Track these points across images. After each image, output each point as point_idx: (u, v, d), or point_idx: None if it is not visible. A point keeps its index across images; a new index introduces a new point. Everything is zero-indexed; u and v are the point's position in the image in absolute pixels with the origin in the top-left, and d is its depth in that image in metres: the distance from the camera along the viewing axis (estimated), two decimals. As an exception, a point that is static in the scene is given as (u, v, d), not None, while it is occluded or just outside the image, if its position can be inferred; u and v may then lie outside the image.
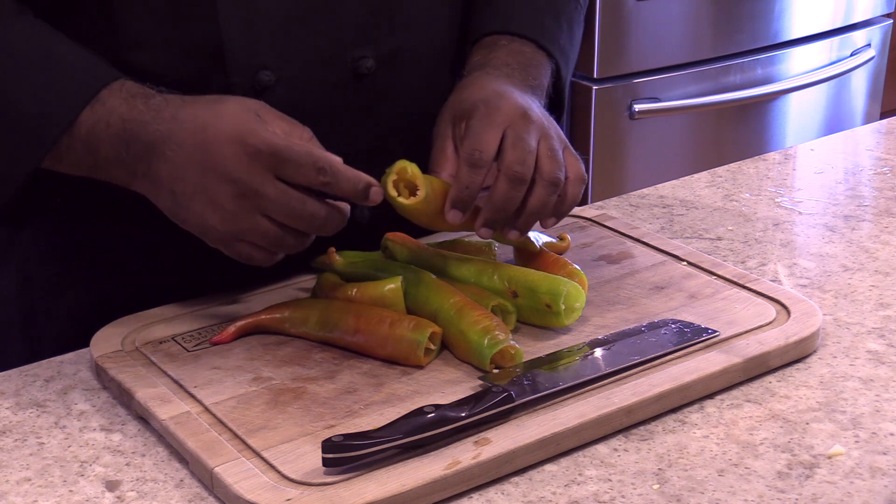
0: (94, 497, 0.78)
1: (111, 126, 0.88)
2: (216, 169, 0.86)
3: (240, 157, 0.86)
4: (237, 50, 0.96)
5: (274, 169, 0.86)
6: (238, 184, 0.86)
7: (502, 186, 0.93)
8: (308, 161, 0.86)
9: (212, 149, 0.86)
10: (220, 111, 0.88)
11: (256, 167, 0.86)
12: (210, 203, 0.87)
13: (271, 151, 0.86)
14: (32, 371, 0.93)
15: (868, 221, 1.20)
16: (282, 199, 0.87)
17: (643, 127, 2.43)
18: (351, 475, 0.76)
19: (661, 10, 2.37)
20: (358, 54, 1.01)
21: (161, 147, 0.87)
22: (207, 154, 0.86)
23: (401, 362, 0.90)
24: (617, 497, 0.77)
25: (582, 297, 0.95)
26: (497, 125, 0.94)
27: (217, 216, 0.87)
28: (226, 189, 0.86)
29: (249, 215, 0.87)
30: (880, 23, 2.80)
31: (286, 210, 0.87)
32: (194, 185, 0.87)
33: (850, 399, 0.88)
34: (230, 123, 0.87)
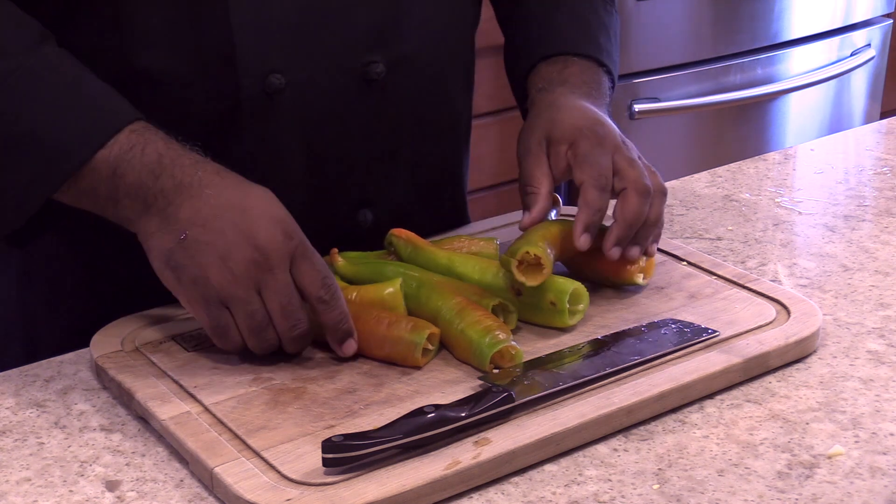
0: (94, 497, 0.78)
1: (146, 155, 0.88)
2: (249, 233, 0.86)
3: (274, 232, 0.87)
4: (248, 53, 0.96)
5: (295, 259, 0.87)
6: (260, 252, 0.86)
7: (633, 200, 0.97)
8: (323, 271, 0.89)
9: (253, 213, 0.87)
10: (262, 193, 0.89)
11: (284, 249, 0.87)
12: (221, 259, 0.86)
13: (300, 242, 0.88)
14: (32, 371, 0.93)
15: (868, 221, 1.20)
16: (285, 289, 0.87)
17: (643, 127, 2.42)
18: (351, 475, 0.76)
19: (661, 10, 2.36)
20: (368, 59, 1.01)
21: (197, 188, 0.87)
22: (246, 217, 0.87)
23: (399, 363, 0.90)
24: (617, 497, 0.77)
25: (586, 298, 0.95)
26: (607, 151, 0.99)
27: (220, 273, 0.87)
28: (246, 253, 0.86)
29: (250, 287, 0.87)
30: (880, 23, 2.80)
31: (282, 300, 0.87)
32: (215, 237, 0.87)
33: (850, 399, 0.88)
34: (273, 206, 0.88)
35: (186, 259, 0.87)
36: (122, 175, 0.88)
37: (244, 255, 0.86)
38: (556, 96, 1.06)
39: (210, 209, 0.87)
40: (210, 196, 0.87)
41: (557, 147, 1.01)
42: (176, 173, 0.88)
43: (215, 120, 0.98)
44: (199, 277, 0.87)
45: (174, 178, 0.88)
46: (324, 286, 0.88)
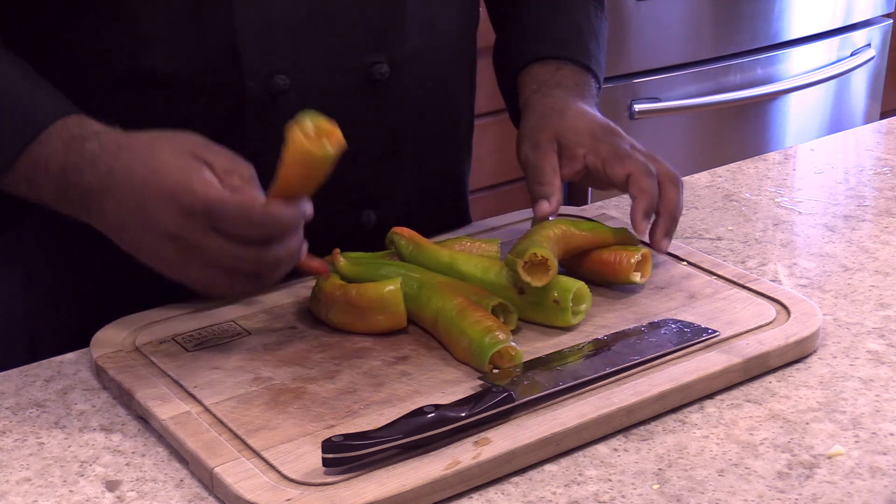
0: (94, 497, 0.78)
1: (49, 170, 0.88)
2: (155, 228, 0.86)
3: (175, 216, 0.85)
4: (252, 54, 0.96)
5: (211, 223, 0.85)
6: (177, 241, 0.85)
7: (671, 191, 1.01)
8: (240, 216, 0.84)
9: (148, 209, 0.85)
10: (155, 165, 0.86)
11: (193, 223, 0.85)
12: (156, 255, 0.87)
13: (203, 209, 0.84)
14: (32, 371, 0.93)
15: (868, 221, 1.20)
16: (224, 251, 0.85)
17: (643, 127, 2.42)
18: (351, 475, 0.76)
19: (661, 10, 2.36)
20: (372, 60, 1.01)
21: (98, 197, 0.87)
22: (145, 214, 0.86)
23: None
24: (617, 497, 0.77)
25: (588, 298, 0.96)
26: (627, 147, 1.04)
27: (166, 266, 0.87)
28: (167, 245, 0.86)
29: (195, 265, 0.87)
30: (880, 23, 2.80)
31: (229, 261, 0.86)
32: (137, 238, 0.87)
33: (850, 399, 0.88)
34: (165, 178, 0.85)
35: (136, 255, 0.89)
36: (40, 190, 0.89)
37: (167, 247, 0.86)
38: (555, 99, 1.08)
39: (120, 216, 0.87)
40: (113, 205, 0.87)
41: (574, 150, 1.03)
42: (80, 184, 0.87)
43: (219, 120, 0.98)
44: (156, 269, 0.89)
45: (79, 189, 0.87)
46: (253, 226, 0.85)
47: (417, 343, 0.94)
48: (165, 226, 0.85)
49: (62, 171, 0.87)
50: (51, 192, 0.89)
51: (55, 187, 0.88)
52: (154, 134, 0.89)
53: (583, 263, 1.02)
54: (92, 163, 0.87)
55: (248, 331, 0.96)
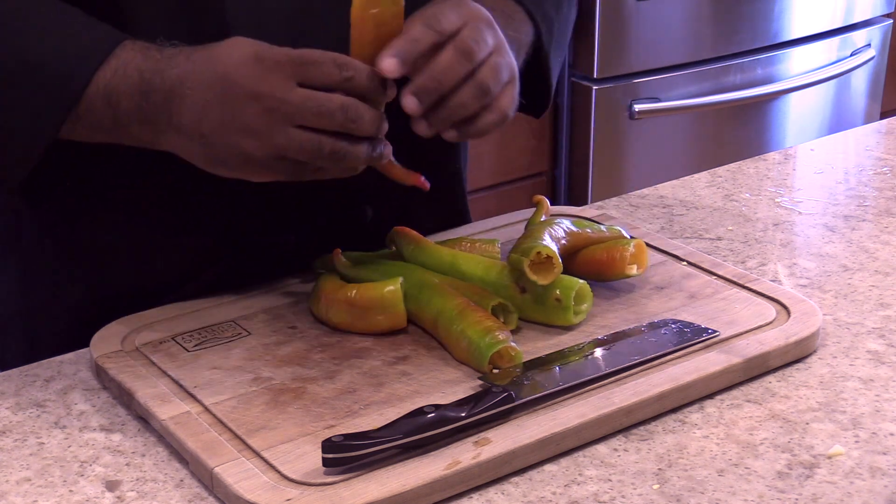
0: (94, 497, 0.78)
1: (129, 77, 0.88)
2: (237, 92, 0.85)
3: (258, 73, 0.85)
4: None
5: (294, 76, 0.85)
6: (262, 99, 0.84)
7: (448, 55, 0.88)
8: (326, 59, 0.85)
9: (229, 74, 0.85)
10: (230, 44, 0.87)
11: (276, 78, 0.84)
12: (241, 130, 0.85)
13: (288, 59, 0.85)
14: (32, 371, 0.93)
15: (868, 221, 1.20)
16: (309, 102, 0.85)
17: (643, 127, 2.43)
18: (351, 475, 0.76)
19: (661, 10, 2.37)
20: None
21: (180, 89, 0.86)
22: (226, 81, 0.85)
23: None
24: (617, 497, 0.77)
25: (590, 298, 0.96)
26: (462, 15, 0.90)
27: (251, 141, 0.85)
28: (252, 109, 0.85)
29: (282, 129, 0.85)
30: (880, 23, 2.80)
31: (316, 111, 0.85)
32: (221, 118, 0.86)
33: (850, 399, 0.88)
34: (241, 48, 0.86)
35: (219, 151, 0.87)
36: (117, 103, 0.88)
37: (253, 111, 0.85)
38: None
39: (201, 97, 0.86)
40: (193, 86, 0.86)
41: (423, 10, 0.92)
42: (160, 83, 0.87)
43: None
44: (240, 158, 0.86)
45: (160, 90, 0.87)
46: (339, 67, 0.85)
47: (417, 343, 0.94)
48: (248, 86, 0.84)
49: (142, 76, 0.87)
50: (130, 102, 0.88)
51: (136, 94, 0.88)
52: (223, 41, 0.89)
53: (576, 262, 1.01)
54: (171, 59, 0.87)
55: (248, 331, 0.96)
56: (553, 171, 2.46)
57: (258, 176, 0.88)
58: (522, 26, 1.04)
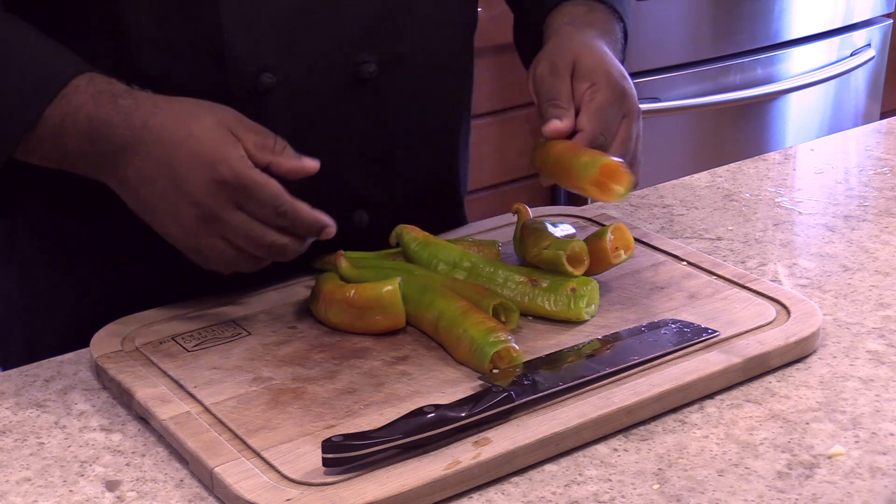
0: (94, 497, 0.78)
1: (78, 123, 0.88)
2: (182, 190, 0.87)
3: (206, 184, 0.87)
4: (239, 51, 0.96)
5: (237, 200, 0.88)
6: (201, 207, 0.87)
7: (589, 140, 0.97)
8: (270, 202, 0.88)
9: (180, 170, 0.87)
10: (194, 130, 0.88)
11: (221, 195, 0.87)
12: (172, 217, 0.89)
13: (237, 184, 0.87)
14: (32, 371, 0.93)
15: (868, 221, 1.20)
16: (242, 228, 0.88)
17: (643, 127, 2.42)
18: (351, 475, 0.76)
19: (661, 10, 2.37)
20: (360, 59, 1.01)
21: (129, 153, 0.88)
22: (175, 174, 0.87)
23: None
24: (617, 497, 0.77)
25: (597, 301, 0.97)
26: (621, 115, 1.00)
27: (179, 230, 0.89)
28: (189, 210, 0.88)
29: (209, 236, 0.89)
30: (880, 23, 2.80)
31: (245, 239, 0.89)
32: (159, 197, 0.88)
33: (850, 399, 0.88)
34: (202, 145, 0.87)
35: (150, 218, 0.90)
36: (65, 144, 0.89)
37: (188, 212, 0.88)
38: (585, 36, 1.04)
39: (148, 171, 0.88)
40: (144, 158, 0.88)
41: (580, 83, 0.99)
42: (110, 137, 0.88)
43: None
44: (165, 234, 0.90)
45: (109, 143, 0.88)
46: (278, 215, 0.88)
47: (417, 343, 0.94)
48: (194, 190, 0.87)
49: (91, 125, 0.88)
50: (77, 147, 0.89)
51: (83, 140, 0.89)
52: (191, 100, 0.91)
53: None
54: (126, 117, 0.88)
55: (248, 331, 0.96)
56: (553, 171, 2.45)
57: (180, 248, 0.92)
58: (620, 37, 1.09)
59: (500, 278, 0.98)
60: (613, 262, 0.99)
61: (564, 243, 0.97)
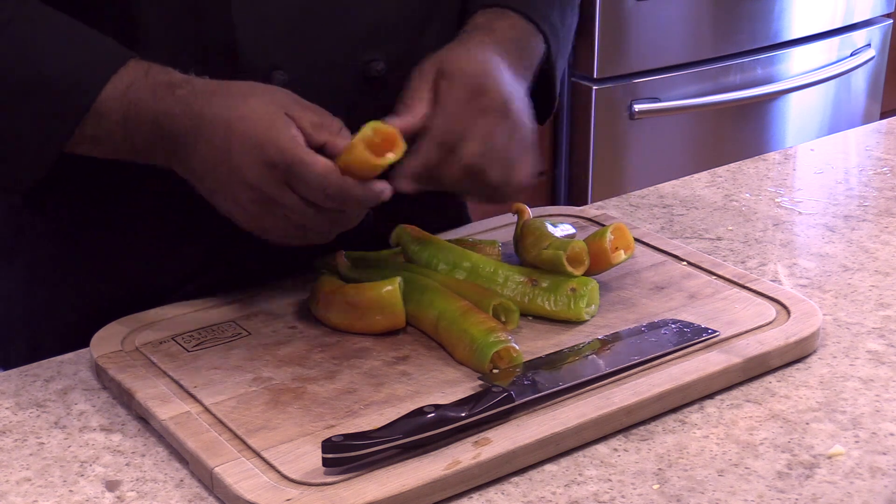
0: (94, 497, 0.78)
1: (141, 117, 0.89)
2: (237, 174, 0.87)
3: (258, 166, 0.87)
4: (250, 50, 0.96)
5: (288, 181, 0.87)
6: (255, 191, 0.87)
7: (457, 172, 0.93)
8: (316, 183, 0.87)
9: (233, 154, 0.87)
10: (246, 113, 0.88)
11: (272, 177, 0.87)
12: (234, 201, 0.89)
13: (286, 165, 0.87)
14: (32, 371, 0.93)
15: (868, 221, 1.20)
16: (297, 208, 0.88)
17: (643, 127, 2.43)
18: (351, 475, 0.76)
19: (661, 10, 2.37)
20: (369, 57, 1.01)
21: (192, 142, 0.88)
22: (230, 158, 0.87)
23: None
24: (617, 497, 0.77)
25: (597, 301, 0.97)
26: (478, 111, 0.94)
27: (240, 214, 0.90)
28: (246, 193, 0.88)
29: (270, 216, 0.89)
30: (880, 23, 2.80)
31: (301, 218, 0.89)
32: (220, 183, 0.89)
33: (850, 399, 0.88)
34: (254, 127, 0.87)
35: (217, 202, 0.91)
36: (132, 138, 0.90)
37: (246, 195, 0.88)
38: (473, 41, 1.00)
39: (208, 158, 0.88)
40: (204, 146, 0.88)
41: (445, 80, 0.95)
42: (173, 130, 0.89)
43: None
44: (231, 216, 0.91)
45: (173, 135, 0.89)
46: (326, 198, 0.88)
47: (417, 343, 0.94)
48: (247, 174, 0.87)
49: (155, 118, 0.89)
50: (145, 142, 0.90)
51: (150, 135, 0.89)
52: (247, 84, 0.91)
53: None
54: (186, 107, 0.89)
55: (248, 331, 0.96)
56: (553, 171, 2.46)
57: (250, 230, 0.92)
58: (534, 47, 1.06)
59: (501, 278, 0.98)
60: (613, 262, 0.99)
61: (564, 243, 0.97)
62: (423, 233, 1.04)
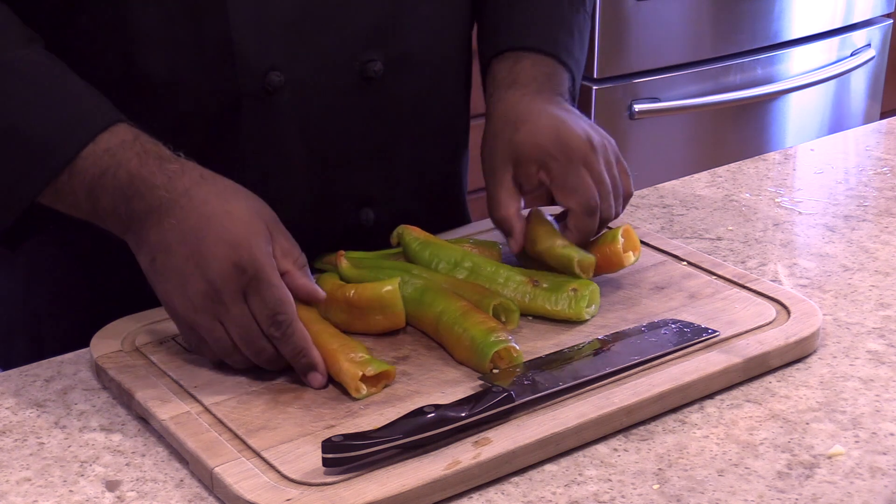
0: (94, 497, 0.78)
1: (118, 179, 0.87)
2: (199, 264, 0.86)
3: (224, 264, 0.85)
4: (247, 51, 0.96)
5: (246, 291, 0.86)
6: (212, 286, 0.86)
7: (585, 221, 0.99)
8: (273, 306, 0.86)
9: (206, 243, 0.86)
10: (233, 208, 0.87)
11: (234, 281, 0.85)
12: (181, 287, 0.87)
13: (253, 274, 0.85)
14: (32, 371, 0.93)
15: (868, 221, 1.20)
16: (240, 321, 0.86)
17: (643, 127, 2.42)
18: (351, 475, 0.76)
19: (661, 10, 2.37)
20: (366, 58, 1.01)
21: (162, 215, 0.87)
22: (199, 246, 0.86)
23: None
24: (617, 497, 0.77)
25: (597, 302, 0.97)
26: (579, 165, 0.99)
27: (182, 302, 0.87)
28: (199, 286, 0.86)
29: (210, 317, 0.87)
30: (880, 23, 2.80)
31: (241, 332, 0.87)
32: (174, 265, 0.87)
33: (850, 399, 0.88)
34: (235, 226, 0.86)
35: (157, 281, 0.88)
36: (98, 199, 0.88)
37: (198, 286, 0.86)
38: (508, 105, 1.03)
39: (173, 236, 0.86)
40: (174, 224, 0.87)
41: (527, 168, 1.00)
42: (147, 197, 0.87)
43: (215, 119, 0.98)
44: (165, 301, 0.88)
45: (144, 202, 0.87)
46: (273, 323, 0.86)
47: (417, 343, 0.94)
48: (209, 268, 0.85)
49: (131, 182, 0.87)
50: (110, 204, 0.88)
51: (119, 197, 0.87)
52: (235, 184, 0.90)
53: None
54: (170, 180, 0.87)
55: (248, 331, 0.96)
56: (553, 171, 2.45)
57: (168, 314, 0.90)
58: (562, 77, 1.08)
59: (501, 278, 0.98)
60: (625, 263, 1.00)
61: (577, 250, 0.98)
62: (423, 233, 1.04)
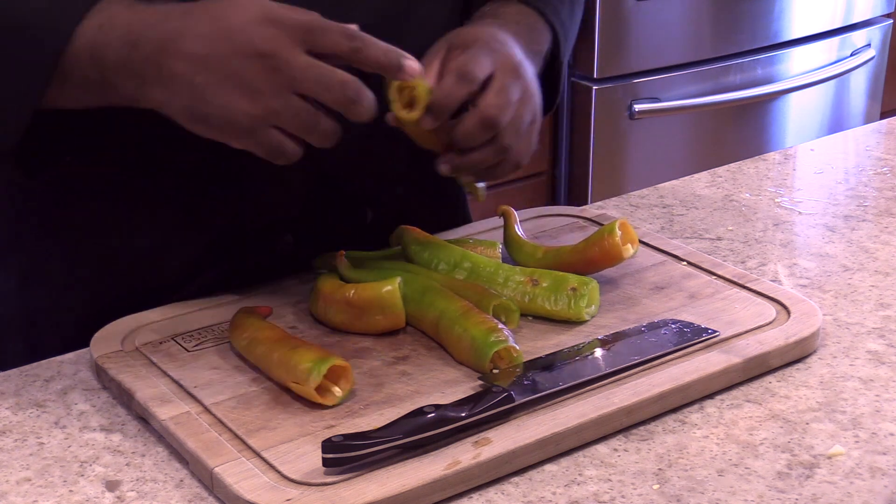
0: (94, 497, 0.78)
1: (116, 28, 0.85)
2: (244, 49, 0.83)
3: (267, 33, 0.83)
4: None
5: (302, 40, 0.83)
6: (267, 58, 0.83)
7: (473, 122, 0.92)
8: (336, 28, 0.84)
9: (236, 31, 0.83)
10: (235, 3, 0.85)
11: (285, 40, 0.83)
12: (239, 85, 0.83)
13: (297, 24, 0.83)
14: (32, 371, 0.94)
15: (868, 221, 1.20)
16: (313, 70, 0.83)
17: (643, 127, 2.43)
18: (351, 475, 0.76)
19: (661, 10, 2.37)
20: None
21: (176, 43, 0.84)
22: (231, 38, 0.83)
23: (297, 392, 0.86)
24: (617, 497, 0.77)
25: (597, 302, 0.97)
26: (492, 60, 0.93)
27: (247, 98, 0.83)
28: (255, 67, 0.83)
29: (281, 93, 0.83)
30: (880, 23, 2.81)
31: (317, 81, 0.83)
32: (219, 72, 0.83)
33: (850, 399, 0.88)
34: (249, 8, 0.84)
35: (208, 107, 0.84)
36: (103, 56, 0.85)
37: (255, 69, 0.83)
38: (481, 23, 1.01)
39: (200, 51, 0.83)
40: (193, 41, 0.84)
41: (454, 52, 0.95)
42: (151, 35, 0.85)
43: None
44: (229, 116, 0.84)
45: (151, 41, 0.85)
46: (348, 38, 0.84)
47: (417, 343, 0.94)
48: (256, 44, 0.82)
49: (129, 28, 0.85)
50: (117, 54, 0.85)
51: (123, 45, 0.85)
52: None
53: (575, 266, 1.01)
54: (164, 15, 0.85)
55: (248, 331, 0.96)
56: (553, 171, 2.46)
57: (236, 140, 0.86)
58: (542, 36, 1.06)
59: (501, 278, 0.98)
60: (624, 256, 1.00)
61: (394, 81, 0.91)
62: (423, 233, 1.04)
